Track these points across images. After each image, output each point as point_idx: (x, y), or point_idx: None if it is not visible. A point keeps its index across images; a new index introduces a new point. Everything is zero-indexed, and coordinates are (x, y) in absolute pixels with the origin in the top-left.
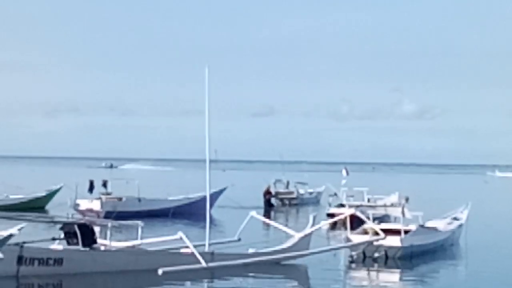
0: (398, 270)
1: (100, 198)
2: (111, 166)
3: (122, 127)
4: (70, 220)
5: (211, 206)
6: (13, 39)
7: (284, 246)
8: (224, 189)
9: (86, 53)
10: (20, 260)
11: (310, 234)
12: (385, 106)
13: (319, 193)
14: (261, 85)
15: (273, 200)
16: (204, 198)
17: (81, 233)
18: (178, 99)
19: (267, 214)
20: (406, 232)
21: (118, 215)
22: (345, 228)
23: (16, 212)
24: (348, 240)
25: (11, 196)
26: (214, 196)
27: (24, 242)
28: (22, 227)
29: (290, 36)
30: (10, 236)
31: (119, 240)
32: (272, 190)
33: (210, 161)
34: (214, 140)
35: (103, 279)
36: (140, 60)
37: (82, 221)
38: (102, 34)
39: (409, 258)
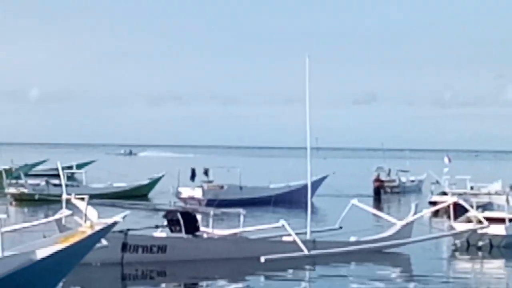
0: (503, 259)
1: (202, 186)
2: (130, 153)
3: (224, 116)
4: (173, 208)
5: (312, 194)
6: (121, 28)
7: (386, 234)
8: (325, 177)
9: (188, 42)
10: (124, 247)
11: (412, 222)
12: (488, 93)
13: (421, 181)
14: (363, 72)
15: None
16: (305, 186)
17: (184, 220)
18: (279, 88)
19: (376, 202)
20: (510, 220)
21: (219, 203)
22: (448, 216)
23: (119, 200)
24: (451, 228)
25: (114, 184)
26: (315, 184)
27: (128, 230)
28: (126, 215)
29: (394, 24)
30: (115, 223)
31: (221, 228)
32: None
33: (311, 149)
34: (315, 128)
35: (205, 266)
36: (242, 49)
37: (185, 209)
38: (205, 24)
39: None
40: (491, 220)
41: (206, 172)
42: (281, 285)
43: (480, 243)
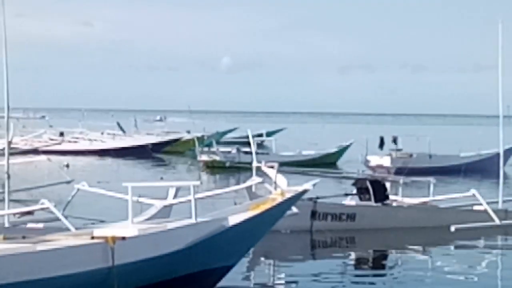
0: None
1: (390, 155)
2: (160, 119)
3: (412, 83)
4: (362, 176)
5: (504, 163)
6: None
7: None
8: None
9: (376, 11)
10: (313, 214)
11: None
12: None
13: None
14: None
15: None
16: (497, 155)
17: (373, 189)
18: (469, 55)
19: None
20: None
21: (408, 171)
22: None
23: (308, 168)
24: None
25: (303, 152)
26: (508, 153)
27: (317, 197)
28: (316, 183)
29: None
30: (305, 191)
31: (410, 197)
32: None
33: (504, 117)
34: (507, 96)
35: (394, 235)
36: (430, 16)
37: (374, 177)
38: None
39: None
40: None
41: (394, 140)
42: (471, 254)
43: None
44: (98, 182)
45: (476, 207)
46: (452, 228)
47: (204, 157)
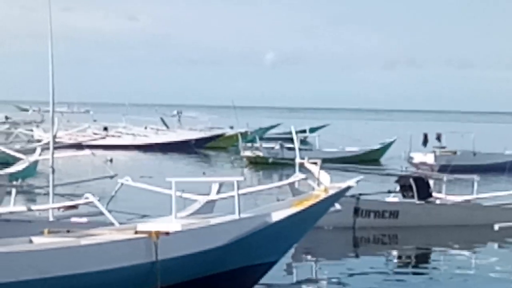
0: None
1: (434, 152)
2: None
3: (458, 79)
4: (405, 173)
5: None
6: None
7: None
8: None
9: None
10: (356, 211)
11: None
12: None
13: None
14: None
15: None
16: None
17: (417, 186)
18: None
19: None
20: None
21: (452, 169)
22: None
23: (352, 164)
24: None
25: (346, 149)
26: None
27: (360, 194)
28: (359, 180)
29: None
30: (348, 188)
31: (454, 194)
32: None
33: None
34: None
35: (437, 233)
36: (475, 11)
37: (417, 174)
38: None
39: None
40: None
41: (438, 138)
42: None
43: None
44: (141, 176)
45: None
46: (496, 227)
47: (247, 153)
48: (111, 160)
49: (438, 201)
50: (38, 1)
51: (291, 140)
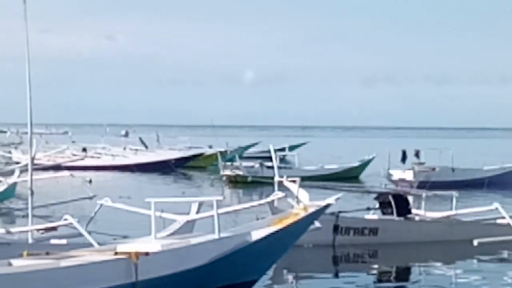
0: None
1: (412, 168)
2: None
3: (436, 96)
4: (385, 190)
5: None
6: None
7: None
8: None
9: (399, 23)
10: (336, 229)
11: None
12: None
13: None
14: None
15: None
16: None
17: (396, 203)
18: (494, 66)
19: None
20: None
21: (431, 185)
22: None
23: (331, 182)
24: None
25: (326, 166)
26: None
27: (339, 212)
28: (338, 197)
29: None
30: (328, 205)
31: (433, 211)
32: None
33: None
34: None
35: (417, 249)
36: (454, 26)
37: (396, 191)
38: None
39: None
40: None
41: (417, 154)
42: (494, 268)
43: None
44: (120, 197)
45: (499, 221)
46: (475, 242)
47: (227, 172)
48: (90, 181)
49: (417, 218)
50: (16, 23)
51: (270, 158)
